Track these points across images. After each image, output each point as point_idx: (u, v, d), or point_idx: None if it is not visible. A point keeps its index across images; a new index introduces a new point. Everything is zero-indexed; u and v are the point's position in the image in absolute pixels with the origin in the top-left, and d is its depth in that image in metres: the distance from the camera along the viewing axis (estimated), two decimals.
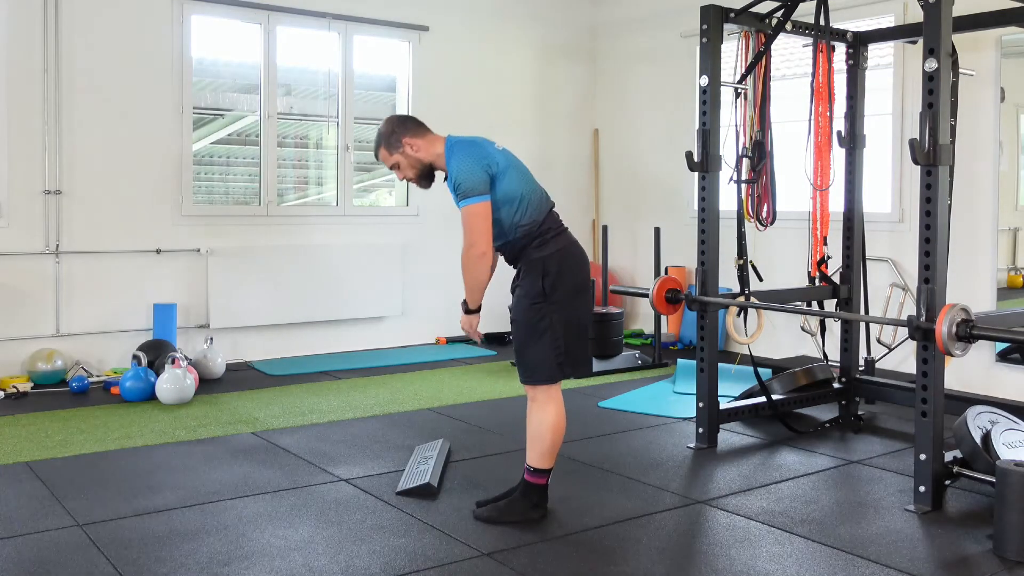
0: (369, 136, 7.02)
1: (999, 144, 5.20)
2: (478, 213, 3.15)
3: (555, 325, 3.18)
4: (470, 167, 3.17)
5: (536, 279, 3.18)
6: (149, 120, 5.88)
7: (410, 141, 3.30)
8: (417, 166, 3.33)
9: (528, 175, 3.33)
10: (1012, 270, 5.37)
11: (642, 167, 7.48)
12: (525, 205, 3.22)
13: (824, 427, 4.61)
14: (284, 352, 6.40)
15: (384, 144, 3.34)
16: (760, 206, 4.48)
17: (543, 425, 3.22)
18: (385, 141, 3.33)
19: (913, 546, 3.08)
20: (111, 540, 3.06)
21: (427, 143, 3.31)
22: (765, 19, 4.36)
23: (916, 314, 3.39)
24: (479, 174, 3.16)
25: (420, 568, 2.87)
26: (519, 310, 3.22)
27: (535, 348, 3.19)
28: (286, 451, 4.16)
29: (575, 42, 7.80)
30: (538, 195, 3.30)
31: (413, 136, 3.31)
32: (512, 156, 3.33)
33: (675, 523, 3.30)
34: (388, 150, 3.33)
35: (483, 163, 3.18)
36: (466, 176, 3.15)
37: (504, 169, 3.22)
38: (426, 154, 3.31)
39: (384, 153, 3.35)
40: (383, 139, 3.34)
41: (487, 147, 3.27)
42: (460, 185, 3.16)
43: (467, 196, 3.15)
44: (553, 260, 3.20)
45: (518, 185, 3.23)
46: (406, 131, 3.32)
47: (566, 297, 3.21)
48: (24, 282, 5.50)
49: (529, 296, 3.19)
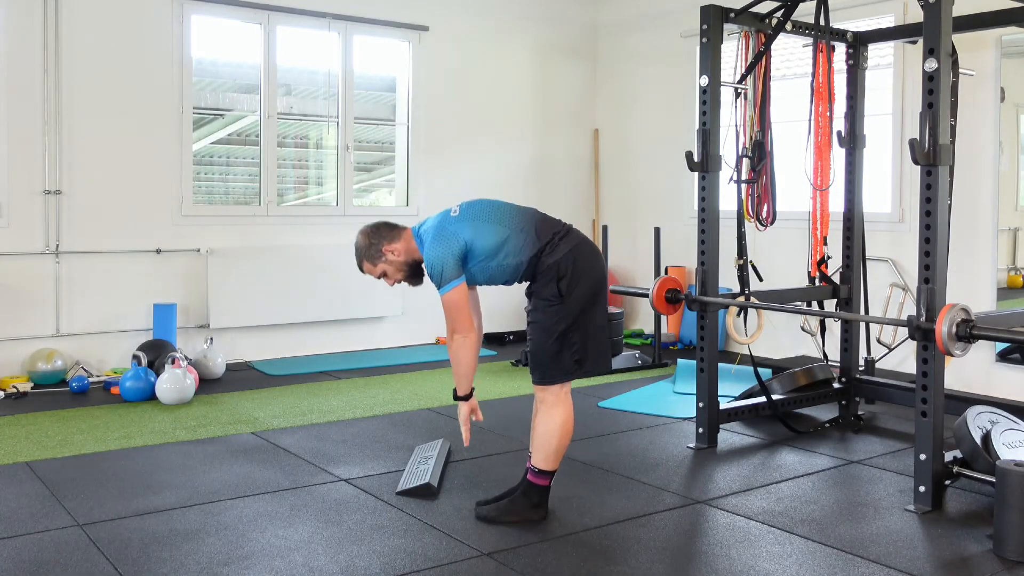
0: (369, 136, 7.03)
1: (999, 144, 5.20)
2: (455, 300, 3.18)
3: (572, 326, 3.18)
4: (441, 255, 3.17)
5: (551, 282, 3.17)
6: (149, 120, 5.88)
7: (389, 247, 3.32)
8: (404, 268, 3.36)
9: (501, 212, 3.27)
10: (1012, 270, 5.37)
11: (642, 167, 7.48)
12: (514, 243, 3.19)
13: (824, 427, 4.61)
14: (284, 352, 6.40)
15: (366, 257, 3.35)
16: (760, 206, 4.48)
17: (551, 427, 3.22)
18: (366, 254, 3.35)
19: (913, 546, 3.08)
20: (111, 540, 3.06)
21: (404, 243, 3.33)
22: (765, 19, 4.36)
23: (916, 314, 3.39)
24: (451, 260, 3.17)
25: (420, 568, 2.87)
26: (536, 312, 3.22)
27: (550, 349, 3.19)
28: (286, 451, 4.16)
29: (575, 42, 7.80)
30: (523, 223, 3.24)
31: (390, 242, 3.33)
32: (476, 206, 3.29)
33: (675, 523, 3.30)
34: (371, 262, 3.35)
35: (452, 248, 3.17)
36: (439, 265, 3.18)
37: (472, 236, 3.19)
38: (407, 254, 3.34)
39: (368, 266, 3.37)
40: (363, 253, 3.35)
41: (450, 226, 3.22)
42: (435, 275, 3.20)
43: (443, 284, 3.18)
44: (566, 262, 3.18)
45: (494, 233, 3.20)
46: (382, 239, 3.33)
47: (582, 296, 3.19)
48: (24, 282, 5.51)
49: (545, 299, 3.19)
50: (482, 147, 7.31)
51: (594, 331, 3.25)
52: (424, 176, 7.02)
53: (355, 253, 3.39)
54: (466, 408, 3.33)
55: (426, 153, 7.01)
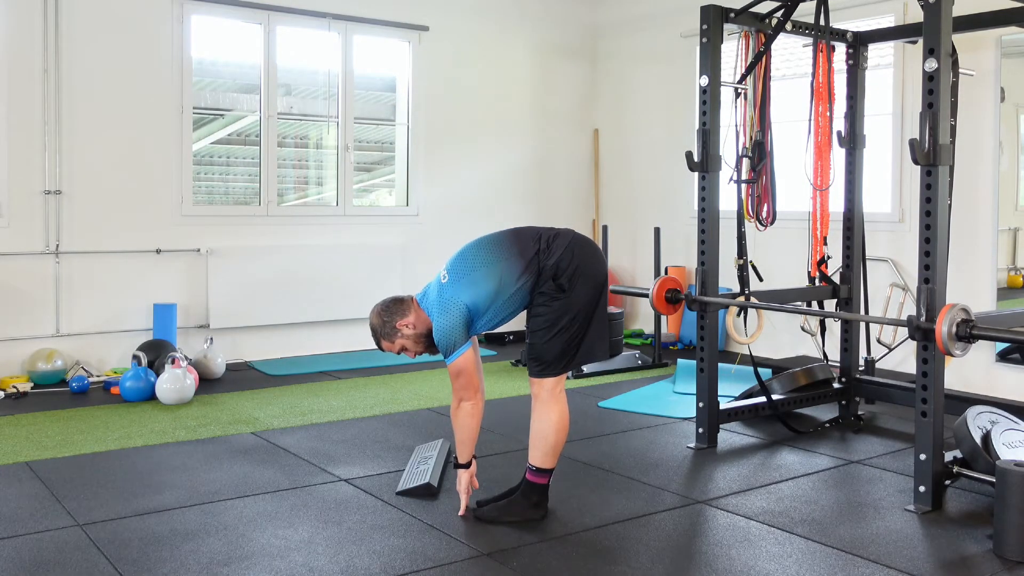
0: (369, 136, 7.03)
1: (999, 144, 5.20)
2: (463, 366, 3.17)
3: (574, 320, 3.19)
4: (449, 326, 3.16)
5: (550, 279, 3.18)
6: (149, 120, 5.88)
7: (403, 323, 3.29)
8: (421, 340, 3.32)
9: (484, 250, 3.24)
10: (1012, 270, 5.37)
11: (642, 167, 7.48)
12: (508, 272, 3.17)
13: (824, 427, 4.61)
14: (284, 352, 6.40)
15: (382, 336, 3.32)
16: (760, 206, 4.48)
17: (547, 425, 3.22)
18: (381, 333, 3.32)
19: (913, 546, 3.08)
20: (111, 540, 3.06)
21: (414, 315, 3.30)
22: (765, 19, 4.36)
23: (916, 314, 3.39)
24: (459, 328, 3.16)
25: (420, 568, 2.87)
26: (538, 307, 3.22)
27: (551, 343, 3.19)
28: (286, 451, 4.16)
29: (575, 42, 7.80)
30: (506, 248, 3.22)
31: (402, 317, 3.30)
32: (459, 261, 3.25)
33: (675, 523, 3.30)
34: (389, 340, 3.32)
35: (456, 318, 3.15)
36: (450, 336, 3.16)
37: (471, 295, 3.16)
38: (421, 326, 3.31)
39: (387, 344, 3.33)
40: (379, 332, 3.32)
41: (446, 294, 3.19)
42: (445, 347, 3.19)
43: (449, 352, 3.17)
44: (565, 258, 3.19)
45: (486, 276, 3.18)
46: (394, 315, 3.30)
47: (582, 289, 3.20)
48: (24, 282, 5.51)
49: (547, 293, 3.19)
50: (482, 147, 7.31)
51: (596, 323, 3.25)
52: (424, 176, 7.02)
53: (371, 334, 3.37)
54: (467, 477, 3.32)
55: (426, 153, 7.01)
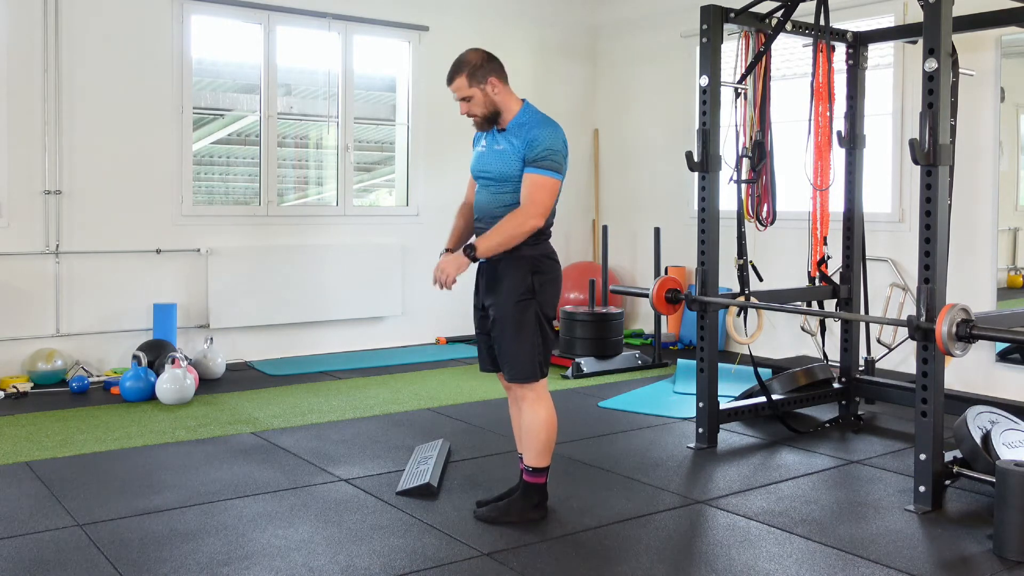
0: (369, 136, 7.02)
1: (999, 144, 5.20)
2: (553, 188, 3.15)
3: (539, 321, 3.19)
4: (562, 146, 3.17)
5: (525, 275, 3.17)
6: (149, 120, 5.88)
7: (495, 81, 3.22)
8: (490, 107, 3.24)
9: None
10: (1012, 270, 5.37)
11: (642, 167, 7.48)
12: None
13: (824, 427, 4.61)
14: (284, 352, 6.40)
15: (468, 73, 3.17)
16: (760, 206, 4.48)
17: (537, 424, 3.22)
18: (470, 70, 3.17)
19: (913, 546, 3.08)
20: (111, 540, 3.06)
21: (507, 92, 3.26)
22: (765, 19, 4.36)
23: (916, 314, 3.39)
24: (565, 156, 3.18)
25: (420, 568, 2.87)
26: (506, 306, 3.18)
27: (524, 345, 3.18)
28: (286, 451, 4.16)
29: (575, 42, 7.80)
30: None
31: (499, 78, 3.23)
32: None
33: (675, 523, 3.30)
34: (470, 80, 3.17)
35: (566, 149, 3.20)
36: (557, 150, 3.15)
37: None
38: (503, 101, 3.24)
39: (463, 82, 3.17)
40: (469, 68, 3.17)
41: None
42: (551, 155, 3.13)
43: (550, 168, 3.13)
44: (546, 261, 3.22)
45: None
46: (494, 70, 3.22)
47: (549, 298, 3.22)
48: (24, 282, 5.50)
49: (516, 292, 3.17)
50: None
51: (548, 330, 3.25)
52: (424, 176, 7.01)
53: (455, 65, 3.19)
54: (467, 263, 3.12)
55: (426, 153, 7.01)
